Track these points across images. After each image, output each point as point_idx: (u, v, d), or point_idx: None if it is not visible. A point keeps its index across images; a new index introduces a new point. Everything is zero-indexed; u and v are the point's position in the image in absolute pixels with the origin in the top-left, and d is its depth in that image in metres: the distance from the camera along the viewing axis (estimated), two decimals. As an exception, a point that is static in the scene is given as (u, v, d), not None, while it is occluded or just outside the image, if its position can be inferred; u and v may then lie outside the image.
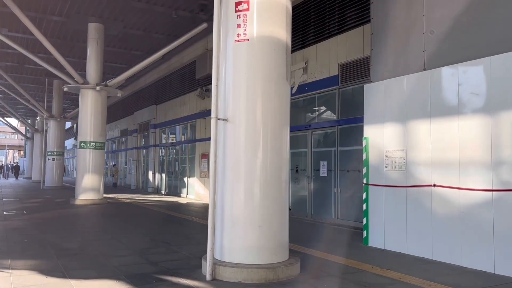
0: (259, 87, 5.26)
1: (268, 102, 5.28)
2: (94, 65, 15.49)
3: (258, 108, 5.25)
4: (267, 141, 5.27)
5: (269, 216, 5.20)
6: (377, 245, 7.28)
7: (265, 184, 5.22)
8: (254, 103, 5.25)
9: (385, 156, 7.23)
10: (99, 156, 15.34)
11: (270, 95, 5.29)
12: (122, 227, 9.30)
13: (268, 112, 5.27)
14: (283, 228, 5.36)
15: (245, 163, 5.21)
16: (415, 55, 6.91)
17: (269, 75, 5.28)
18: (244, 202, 5.18)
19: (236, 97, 5.29)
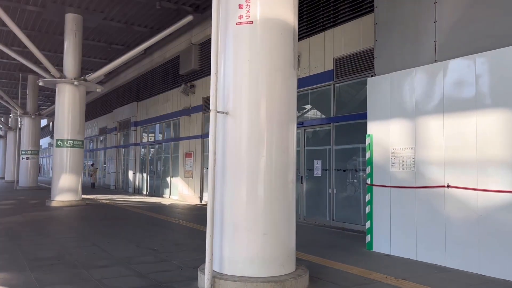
0: (264, 76, 4.65)
1: (274, 93, 4.68)
2: (72, 59, 14.61)
3: (262, 100, 4.64)
4: (272, 137, 4.66)
5: (275, 222, 4.60)
6: (382, 250, 6.77)
7: (270, 185, 4.62)
8: (257, 94, 4.63)
9: (391, 154, 6.71)
10: (77, 155, 14.47)
11: (276, 86, 4.68)
12: (103, 232, 8.57)
13: (274, 105, 4.67)
14: (290, 235, 4.77)
15: (248, 162, 4.60)
16: (425, 45, 6.41)
17: (275, 63, 4.68)
18: (247, 206, 4.57)
19: (238, 88, 4.67)
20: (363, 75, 9.40)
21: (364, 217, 9.17)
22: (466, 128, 5.71)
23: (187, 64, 16.41)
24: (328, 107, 10.32)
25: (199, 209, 13.64)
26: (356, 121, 9.52)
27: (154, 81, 20.10)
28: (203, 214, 11.95)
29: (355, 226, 9.30)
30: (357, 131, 9.58)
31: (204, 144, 15.84)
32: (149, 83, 20.73)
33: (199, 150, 15.95)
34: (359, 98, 9.74)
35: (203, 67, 15.94)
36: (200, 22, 15.52)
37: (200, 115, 15.95)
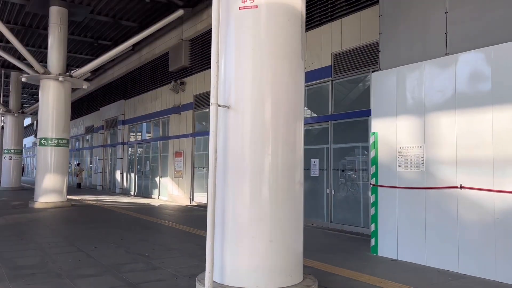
0: (269, 66, 4.22)
1: (280, 86, 4.25)
2: (57, 54, 13.99)
3: (267, 93, 4.21)
4: (278, 134, 4.23)
5: (282, 227, 4.17)
6: (388, 255, 6.39)
7: (276, 187, 4.19)
8: (262, 86, 4.20)
9: (398, 153, 6.34)
10: (62, 154, 13.87)
11: (283, 76, 4.26)
12: (90, 236, 8.05)
13: (280, 98, 4.24)
14: (298, 242, 4.35)
15: (251, 161, 4.17)
16: (435, 38, 6.05)
17: (281, 52, 4.25)
18: (250, 209, 4.13)
19: (240, 79, 4.24)
20: (363, 71, 9.04)
21: (364, 219, 8.81)
22: (481, 125, 5.35)
23: (177, 61, 15.92)
24: (325, 105, 9.93)
25: (190, 210, 13.16)
26: (356, 119, 9.16)
27: (143, 78, 19.54)
28: (195, 216, 11.48)
29: (355, 228, 8.94)
30: (356, 129, 9.22)
31: (194, 143, 15.36)
32: (137, 81, 20.16)
33: (189, 149, 15.46)
34: (359, 95, 9.38)
35: (194, 63, 15.45)
36: (191, 17, 15.04)
37: (191, 113, 15.46)
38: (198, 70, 15.12)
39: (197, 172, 15.17)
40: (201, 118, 15.36)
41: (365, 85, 9.11)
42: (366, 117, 8.86)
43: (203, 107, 14.86)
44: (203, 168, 14.81)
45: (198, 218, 11.17)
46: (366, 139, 8.90)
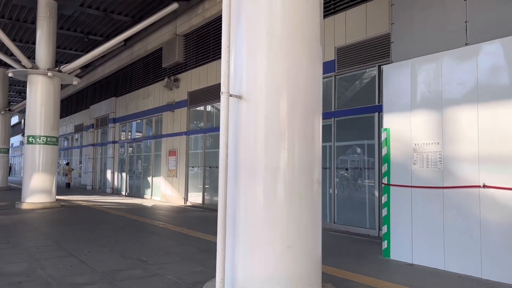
0: (286, 51, 3.80)
1: (298, 73, 3.83)
2: (45, 48, 13.41)
3: (284, 82, 3.79)
4: (294, 127, 3.81)
5: (300, 231, 3.75)
6: (402, 258, 6.00)
7: (292, 186, 3.77)
8: (278, 74, 3.78)
9: (413, 150, 5.96)
10: (51, 153, 13.29)
11: (301, 64, 3.84)
12: (81, 239, 7.56)
13: (297, 87, 3.82)
14: (316, 247, 3.93)
15: (265, 157, 3.75)
16: (454, 27, 5.68)
17: (299, 35, 3.83)
18: (264, 211, 3.71)
19: (253, 66, 3.81)
20: (368, 65, 8.66)
21: (370, 220, 8.43)
22: (507, 120, 4.98)
23: (170, 57, 15.42)
24: (328, 101, 9.53)
25: (184, 210, 12.69)
26: (361, 116, 8.78)
27: (135, 75, 18.99)
28: (191, 217, 11.02)
29: (360, 230, 8.55)
30: (361, 126, 8.84)
31: (189, 142, 14.89)
32: (128, 77, 19.60)
33: (183, 148, 14.98)
34: (364, 90, 9.00)
35: (188, 59, 14.98)
36: (185, 11, 14.56)
37: (185, 110, 14.98)
38: (193, 66, 14.65)
39: (191, 171, 14.70)
40: (195, 115, 14.89)
41: (371, 80, 8.73)
42: (372, 114, 8.49)
43: (198, 104, 14.39)
44: (197, 167, 14.35)
45: (194, 219, 10.71)
46: (371, 137, 8.53)
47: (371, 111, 8.50)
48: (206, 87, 13.84)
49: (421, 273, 5.38)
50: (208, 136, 13.92)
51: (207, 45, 13.97)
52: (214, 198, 13.49)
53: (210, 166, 13.73)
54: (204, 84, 13.94)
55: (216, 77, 13.35)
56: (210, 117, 14.18)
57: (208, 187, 13.81)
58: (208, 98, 13.77)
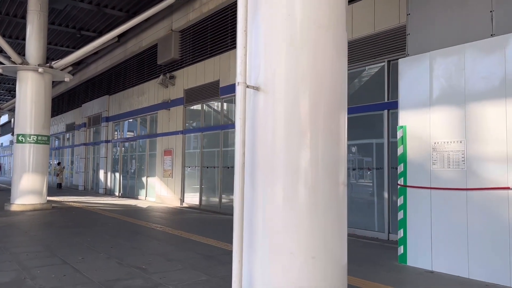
0: (309, 37, 3.38)
1: (323, 62, 3.41)
2: (36, 43, 12.86)
3: (307, 71, 3.37)
4: (318, 123, 3.40)
5: (326, 239, 3.33)
6: (420, 265, 5.61)
7: (316, 188, 3.36)
8: (301, 62, 3.36)
9: (432, 149, 5.57)
10: (42, 152, 12.76)
11: (326, 51, 3.42)
12: (74, 244, 7.09)
13: (323, 79, 3.40)
14: (343, 256, 3.52)
15: (286, 156, 3.33)
16: (478, 17, 5.30)
17: (324, 19, 3.41)
18: (285, 217, 3.29)
19: (272, 53, 3.38)
20: (377, 61, 8.28)
21: (379, 223, 8.05)
22: (539, 116, 4.61)
23: (166, 53, 14.95)
24: (334, 98, 9.12)
25: (181, 212, 12.23)
26: (369, 113, 8.40)
27: (129, 72, 18.48)
28: (189, 219, 10.58)
29: (368, 233, 8.17)
30: (369, 124, 8.45)
31: (185, 141, 14.42)
32: (122, 75, 19.08)
33: (179, 147, 14.51)
34: (372, 86, 8.61)
35: (184, 56, 14.51)
36: (182, 6, 14.10)
37: (181, 108, 14.52)
38: (190, 63, 14.19)
39: (188, 171, 14.23)
40: (192, 114, 14.44)
41: (380, 75, 8.34)
42: (381, 111, 8.11)
43: (195, 102, 13.93)
44: (194, 167, 13.89)
45: (192, 221, 10.26)
46: (380, 135, 8.15)
47: (380, 109, 8.12)
48: (203, 85, 13.39)
49: (444, 281, 4.99)
50: (205, 135, 13.47)
51: (204, 41, 13.52)
52: (211, 199, 13.04)
53: (207, 166, 13.28)
54: (201, 82, 13.49)
55: (213, 74, 12.91)
56: (208, 116, 13.73)
57: (205, 188, 13.36)
58: (206, 96, 13.32)
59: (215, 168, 12.86)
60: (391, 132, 7.95)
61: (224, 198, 12.43)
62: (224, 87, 12.39)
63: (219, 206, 12.47)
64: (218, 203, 12.56)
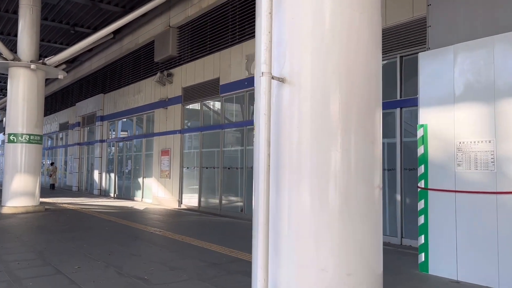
0: (341, 21, 2.96)
1: (357, 51, 3.00)
2: (28, 38, 12.36)
3: (339, 60, 2.95)
4: (351, 120, 2.99)
5: (362, 252, 2.92)
6: (444, 274, 5.22)
7: (348, 192, 2.94)
8: (333, 50, 2.94)
9: (457, 149, 5.18)
10: (35, 152, 12.26)
11: (360, 37, 3.01)
12: (69, 251, 6.63)
13: (355, 68, 2.99)
14: (379, 270, 3.10)
15: (314, 157, 2.92)
16: (509, 7, 4.91)
17: (356, 1, 2.99)
18: (313, 226, 2.88)
19: (299, 39, 2.96)
20: (388, 57, 7.88)
21: (391, 227, 7.66)
22: None
23: (163, 50, 14.48)
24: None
25: (180, 214, 11.78)
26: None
27: (124, 70, 17.98)
28: (188, 222, 10.14)
29: (379, 237, 7.75)
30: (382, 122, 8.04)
31: (183, 140, 13.97)
32: (118, 73, 18.57)
33: (177, 147, 14.06)
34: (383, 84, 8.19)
35: (182, 53, 14.06)
36: (180, 1, 13.65)
37: (179, 107, 14.06)
38: (188, 60, 13.74)
39: (186, 172, 13.78)
40: (190, 113, 13.99)
41: (391, 72, 7.95)
42: (393, 109, 7.72)
43: (193, 101, 13.49)
44: (193, 168, 13.44)
45: (192, 224, 9.83)
46: (392, 135, 7.75)
47: (392, 107, 7.73)
48: (203, 82, 12.95)
49: (474, 293, 4.60)
50: (204, 134, 13.02)
51: (203, 37, 13.08)
52: (211, 201, 12.60)
53: (207, 166, 12.83)
54: (201, 79, 13.04)
55: (213, 71, 12.47)
56: (207, 115, 13.29)
57: (204, 190, 12.91)
58: (205, 94, 12.87)
59: (214, 169, 12.42)
60: (404, 132, 7.57)
61: (225, 200, 12.00)
62: (224, 85, 11.96)
63: (219, 208, 12.03)
64: (218, 205, 12.13)
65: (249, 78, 10.98)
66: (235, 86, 11.51)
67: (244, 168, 11.18)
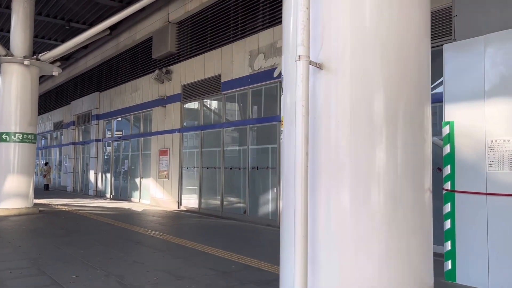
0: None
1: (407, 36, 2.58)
2: (22, 33, 11.87)
3: (388, 45, 2.54)
4: (397, 114, 2.58)
5: (411, 264, 2.51)
6: (473, 283, 4.82)
7: (395, 196, 2.53)
8: (379, 32, 2.53)
9: (488, 149, 4.78)
10: (28, 152, 11.77)
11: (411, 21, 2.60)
12: (65, 257, 6.18)
13: (407, 59, 2.59)
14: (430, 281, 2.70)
15: (355, 154, 2.51)
16: (547, -7, 4.53)
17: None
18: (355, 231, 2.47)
19: (339, 18, 2.54)
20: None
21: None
22: None
23: (162, 47, 14.03)
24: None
25: (180, 216, 11.34)
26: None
27: (121, 68, 17.50)
28: (190, 224, 9.70)
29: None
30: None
31: (182, 139, 13.51)
32: (114, 70, 18.09)
33: (176, 147, 13.60)
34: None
35: (182, 49, 13.61)
36: (179, -5, 13.19)
37: (178, 105, 13.61)
38: (187, 56, 13.29)
39: (186, 172, 13.33)
40: (190, 111, 13.54)
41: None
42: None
43: (193, 99, 13.04)
44: (193, 168, 13.00)
45: (194, 227, 9.38)
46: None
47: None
48: (203, 80, 12.51)
49: (511, 305, 4.21)
50: (205, 133, 12.58)
51: (204, 33, 12.63)
52: (212, 203, 12.17)
53: (207, 166, 12.39)
54: (201, 76, 12.60)
55: (214, 68, 12.03)
56: (208, 113, 12.85)
57: (205, 190, 12.47)
58: (205, 91, 12.43)
59: (216, 169, 11.98)
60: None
61: (226, 201, 11.57)
62: (226, 82, 11.52)
63: (221, 210, 11.59)
64: (219, 206, 11.69)
65: (253, 74, 10.55)
66: (238, 83, 11.09)
67: (247, 168, 10.75)
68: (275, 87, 10.03)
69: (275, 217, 9.66)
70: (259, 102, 10.86)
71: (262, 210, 10.33)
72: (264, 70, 10.21)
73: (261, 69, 10.31)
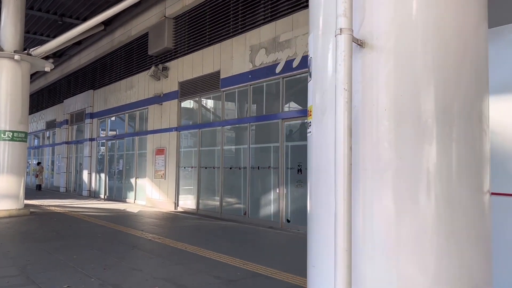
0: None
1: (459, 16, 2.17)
2: (12, 27, 11.36)
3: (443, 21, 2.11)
4: (452, 105, 2.14)
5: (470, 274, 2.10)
6: (505, 292, 4.41)
7: (448, 199, 2.11)
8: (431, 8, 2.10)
9: (521, 146, 4.38)
10: (19, 151, 11.26)
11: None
12: (57, 264, 5.70)
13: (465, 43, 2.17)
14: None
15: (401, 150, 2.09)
16: None
17: None
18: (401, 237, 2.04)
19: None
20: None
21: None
22: None
23: (158, 43, 13.56)
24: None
25: (177, 218, 10.87)
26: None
27: (115, 65, 17.00)
28: (189, 227, 9.24)
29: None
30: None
31: (180, 138, 13.05)
32: (108, 67, 17.58)
33: (173, 146, 13.14)
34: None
35: (179, 45, 13.15)
36: (177, -11, 12.73)
37: (175, 103, 13.14)
38: (185, 52, 12.83)
39: (183, 172, 12.87)
40: (188, 109, 13.08)
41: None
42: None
43: (191, 96, 12.58)
44: (191, 168, 12.53)
45: (193, 229, 8.93)
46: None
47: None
48: (201, 76, 12.05)
49: (552, 318, 3.79)
50: (203, 132, 12.13)
51: (202, 28, 12.18)
52: (210, 204, 11.71)
53: (206, 166, 11.93)
54: (199, 73, 12.14)
55: (213, 64, 11.58)
56: (206, 111, 12.40)
57: (203, 191, 12.01)
58: (204, 88, 11.97)
59: (214, 169, 11.53)
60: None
61: (225, 202, 11.12)
62: (225, 78, 11.08)
63: (220, 211, 11.14)
64: (218, 207, 11.24)
65: (254, 70, 10.12)
66: (238, 79, 10.65)
67: (247, 168, 10.31)
68: (278, 83, 9.60)
69: (278, 219, 9.25)
70: (260, 99, 10.43)
71: (263, 212, 9.90)
72: (266, 65, 9.78)
73: (263, 65, 9.88)
